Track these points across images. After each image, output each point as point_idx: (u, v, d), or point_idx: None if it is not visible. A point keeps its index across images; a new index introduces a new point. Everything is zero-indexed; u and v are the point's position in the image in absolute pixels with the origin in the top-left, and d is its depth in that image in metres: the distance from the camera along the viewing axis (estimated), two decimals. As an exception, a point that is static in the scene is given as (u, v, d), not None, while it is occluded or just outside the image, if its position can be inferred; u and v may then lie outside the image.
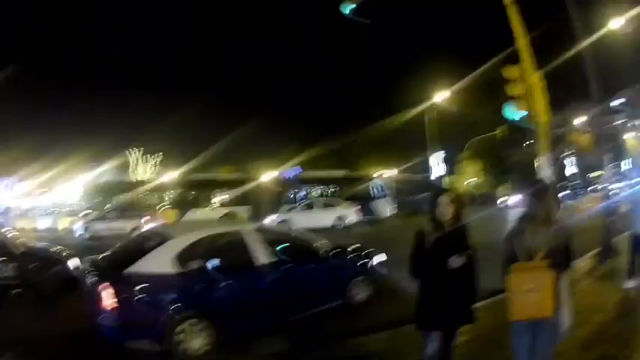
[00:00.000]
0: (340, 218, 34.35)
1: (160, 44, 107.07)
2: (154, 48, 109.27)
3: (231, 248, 9.60)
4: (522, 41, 11.60)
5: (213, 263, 9.08)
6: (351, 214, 35.00)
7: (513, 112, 11.63)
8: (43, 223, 38.18)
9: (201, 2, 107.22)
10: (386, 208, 41.75)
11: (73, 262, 13.92)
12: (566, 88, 46.02)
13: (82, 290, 10.77)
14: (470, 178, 62.62)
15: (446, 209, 5.61)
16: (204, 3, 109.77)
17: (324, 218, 33.06)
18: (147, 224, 28.82)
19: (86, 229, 31.55)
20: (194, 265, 8.78)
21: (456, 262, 5.38)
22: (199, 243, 9.17)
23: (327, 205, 36.01)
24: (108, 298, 7.90)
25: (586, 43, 18.03)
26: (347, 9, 13.04)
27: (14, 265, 12.84)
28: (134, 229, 28.40)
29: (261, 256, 9.40)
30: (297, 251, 10.46)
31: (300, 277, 9.94)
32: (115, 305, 7.89)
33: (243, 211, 37.06)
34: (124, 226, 30.29)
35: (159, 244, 8.96)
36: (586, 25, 18.82)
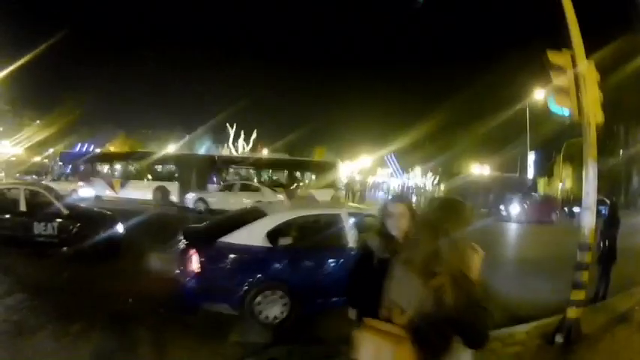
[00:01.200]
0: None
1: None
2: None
3: (323, 229, 9.91)
4: (573, 21, 8.94)
5: (303, 241, 9.64)
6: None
7: (560, 107, 8.99)
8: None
9: None
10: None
11: (119, 227, 14.90)
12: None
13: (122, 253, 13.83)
14: (562, 182, 58.56)
15: (399, 221, 4.03)
16: None
17: (240, 202, 28.58)
18: (80, 189, 33.81)
19: None
20: (284, 241, 9.33)
21: None
22: (294, 222, 9.79)
23: (245, 189, 32.52)
24: (195, 263, 8.55)
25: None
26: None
27: (58, 225, 13.82)
28: (73, 191, 31.96)
29: (352, 239, 9.49)
30: None
31: None
32: (202, 270, 8.55)
33: (171, 186, 35.98)
34: (67, 187, 31.78)
35: (255, 219, 9.51)
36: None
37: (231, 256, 8.94)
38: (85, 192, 33.70)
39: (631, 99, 50.90)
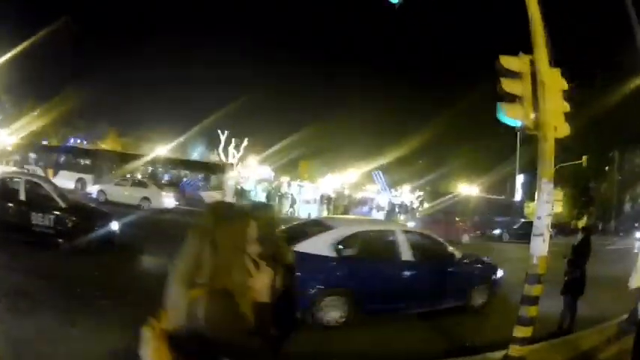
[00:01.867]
0: (146, 199, 33.37)
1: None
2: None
3: (381, 243, 11.14)
4: (537, 20, 7.84)
5: (364, 253, 10.63)
6: (159, 198, 33.73)
7: (511, 118, 7.87)
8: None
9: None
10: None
11: (114, 224, 15.48)
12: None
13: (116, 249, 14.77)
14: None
15: None
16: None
17: (131, 196, 33.26)
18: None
19: None
20: (348, 252, 10.35)
21: None
22: (357, 235, 10.76)
23: (135, 185, 35.35)
24: None
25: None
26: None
27: (55, 217, 14.22)
28: None
29: (405, 253, 10.66)
30: (435, 253, 11.68)
31: (434, 275, 10.97)
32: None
33: (88, 178, 39.78)
34: None
35: (322, 231, 10.39)
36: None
37: (301, 263, 9.26)
38: None
39: (628, 125, 50.21)
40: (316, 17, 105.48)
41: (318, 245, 9.88)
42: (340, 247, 10.14)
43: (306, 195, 50.04)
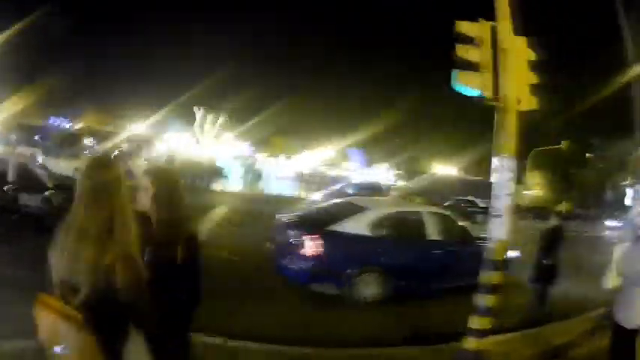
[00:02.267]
0: (77, 169, 32.61)
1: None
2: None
3: (411, 223, 11.62)
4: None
5: (397, 232, 11.16)
6: None
7: (465, 86, 7.19)
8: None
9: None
10: None
11: None
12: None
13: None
14: (529, 190, 57.43)
15: (140, 195, 3.28)
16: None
17: (65, 167, 31.94)
18: None
19: None
20: (383, 231, 10.91)
21: None
22: (391, 215, 11.46)
23: (69, 157, 36.21)
24: (312, 247, 9.73)
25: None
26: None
27: (43, 197, 14.02)
28: None
29: (433, 233, 11.44)
30: (455, 233, 12.19)
31: (455, 254, 11.52)
32: (317, 253, 9.71)
33: (38, 152, 39.19)
34: None
35: (357, 212, 11.06)
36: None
37: (341, 242, 10.21)
38: None
39: (609, 113, 50.12)
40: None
41: (355, 225, 10.52)
42: (375, 227, 10.70)
43: (280, 172, 49.72)
